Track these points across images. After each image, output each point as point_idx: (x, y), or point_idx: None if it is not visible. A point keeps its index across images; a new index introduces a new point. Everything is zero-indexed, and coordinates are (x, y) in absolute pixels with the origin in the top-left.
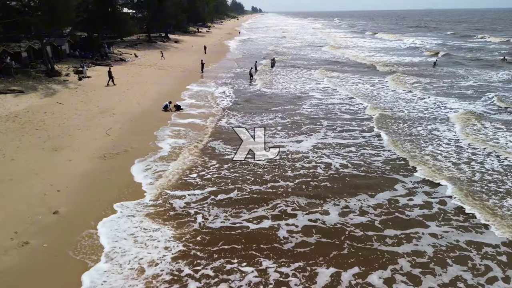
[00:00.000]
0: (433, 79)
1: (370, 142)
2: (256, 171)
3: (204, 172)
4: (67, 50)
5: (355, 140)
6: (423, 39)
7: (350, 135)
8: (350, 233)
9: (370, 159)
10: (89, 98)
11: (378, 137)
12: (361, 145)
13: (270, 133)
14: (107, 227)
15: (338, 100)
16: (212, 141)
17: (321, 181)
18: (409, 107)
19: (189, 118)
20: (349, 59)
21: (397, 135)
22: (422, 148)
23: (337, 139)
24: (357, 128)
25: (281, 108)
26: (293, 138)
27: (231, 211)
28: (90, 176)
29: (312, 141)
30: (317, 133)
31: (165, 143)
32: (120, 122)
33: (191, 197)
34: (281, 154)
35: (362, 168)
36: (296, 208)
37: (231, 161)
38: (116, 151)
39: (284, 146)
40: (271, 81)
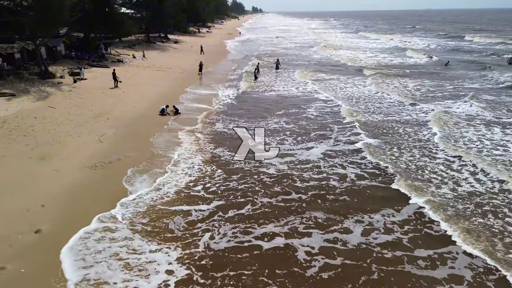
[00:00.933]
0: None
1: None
2: (265, 181)
3: (210, 184)
4: (62, 51)
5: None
6: (413, 39)
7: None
8: (377, 254)
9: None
10: (83, 102)
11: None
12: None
13: (279, 139)
14: (91, 248)
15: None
16: (216, 148)
17: (338, 195)
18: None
19: (188, 123)
20: (334, 60)
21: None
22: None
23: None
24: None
25: (285, 112)
26: (293, 145)
27: (241, 227)
28: (78, 188)
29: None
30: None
31: (162, 150)
32: (114, 127)
33: (197, 213)
34: (289, 164)
35: (380, 179)
36: (312, 225)
37: (240, 170)
38: (108, 160)
39: (294, 155)
40: (274, 83)
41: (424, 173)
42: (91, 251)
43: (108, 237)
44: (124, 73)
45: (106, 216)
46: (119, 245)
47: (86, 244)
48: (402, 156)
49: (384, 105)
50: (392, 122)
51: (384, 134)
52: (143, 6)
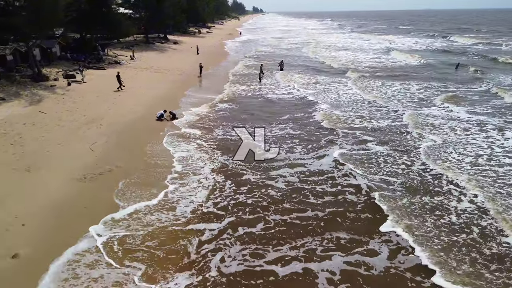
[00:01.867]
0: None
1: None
2: (275, 197)
3: (219, 199)
4: (57, 52)
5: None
6: (405, 39)
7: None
8: (408, 281)
9: (410, 175)
10: (76, 106)
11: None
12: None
13: (286, 147)
14: (78, 275)
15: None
16: (218, 155)
17: (360, 212)
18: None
19: (186, 128)
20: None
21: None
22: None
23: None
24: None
25: (291, 117)
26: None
27: (252, 248)
28: (64, 204)
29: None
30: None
31: (159, 160)
32: (107, 135)
33: (207, 234)
34: (298, 175)
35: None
36: (332, 247)
37: (248, 182)
38: (99, 171)
39: (304, 165)
40: (277, 86)
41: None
42: (77, 279)
43: (94, 263)
44: (121, 75)
45: (91, 237)
46: (105, 272)
47: (71, 270)
48: (414, 165)
49: (357, 105)
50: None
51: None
52: (141, 6)
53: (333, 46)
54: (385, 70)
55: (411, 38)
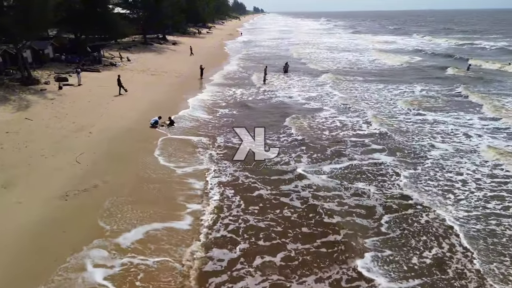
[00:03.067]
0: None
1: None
2: (291, 218)
3: (227, 220)
4: (50, 54)
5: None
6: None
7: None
8: None
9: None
10: (66, 112)
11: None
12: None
13: (295, 157)
14: None
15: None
16: (224, 166)
17: (399, 238)
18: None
19: (184, 135)
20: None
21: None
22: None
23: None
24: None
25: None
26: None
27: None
28: (41, 229)
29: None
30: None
31: (153, 173)
32: (96, 144)
33: (214, 264)
34: (308, 189)
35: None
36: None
37: (259, 200)
38: (84, 187)
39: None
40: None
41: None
42: None
43: None
44: (115, 78)
45: (68, 269)
46: None
47: None
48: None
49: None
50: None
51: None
52: (139, 6)
53: (328, 47)
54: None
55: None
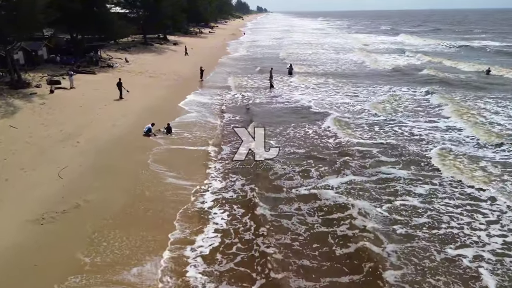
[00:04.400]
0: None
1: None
2: (310, 255)
3: (234, 248)
4: (44, 55)
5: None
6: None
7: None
8: None
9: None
10: (55, 118)
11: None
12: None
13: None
14: None
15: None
16: (233, 184)
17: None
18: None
19: (180, 146)
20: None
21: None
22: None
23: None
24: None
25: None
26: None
27: None
28: (6, 260)
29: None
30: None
31: (146, 190)
32: (83, 155)
33: None
34: (318, 213)
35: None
36: None
37: (271, 225)
38: (63, 208)
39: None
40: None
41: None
42: None
43: None
44: (112, 80)
45: None
46: None
47: None
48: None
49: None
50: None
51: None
52: (139, 6)
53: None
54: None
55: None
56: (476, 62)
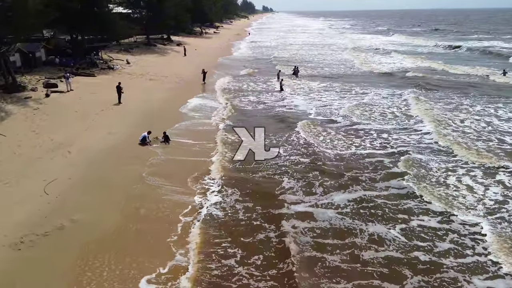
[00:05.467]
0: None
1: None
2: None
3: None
4: (42, 57)
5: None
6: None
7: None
8: None
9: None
10: (47, 125)
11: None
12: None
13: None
14: None
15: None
16: (236, 204)
17: None
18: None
19: (180, 157)
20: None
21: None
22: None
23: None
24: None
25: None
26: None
27: None
28: None
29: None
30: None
31: (140, 207)
32: (73, 167)
33: None
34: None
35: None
36: None
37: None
38: (45, 229)
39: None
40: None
41: None
42: None
43: None
44: (112, 83)
45: None
46: None
47: None
48: None
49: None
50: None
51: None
52: (142, 6)
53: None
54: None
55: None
56: (466, 65)
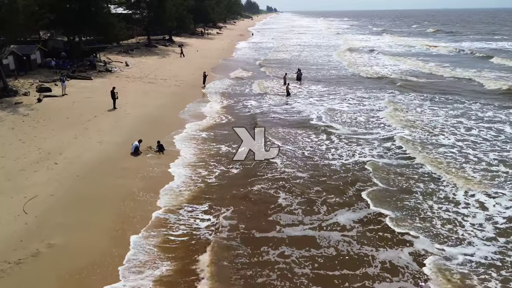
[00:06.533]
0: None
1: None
2: None
3: None
4: (38, 59)
5: None
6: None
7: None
8: None
9: None
10: (35, 133)
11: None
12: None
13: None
14: None
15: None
16: (238, 247)
17: None
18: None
19: (173, 166)
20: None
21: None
22: None
23: None
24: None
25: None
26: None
27: None
28: None
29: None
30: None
31: (127, 229)
32: (58, 181)
33: None
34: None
35: None
36: None
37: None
38: (18, 256)
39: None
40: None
41: None
42: None
43: None
44: (107, 87)
45: None
46: None
47: None
48: None
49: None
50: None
51: None
52: (143, 7)
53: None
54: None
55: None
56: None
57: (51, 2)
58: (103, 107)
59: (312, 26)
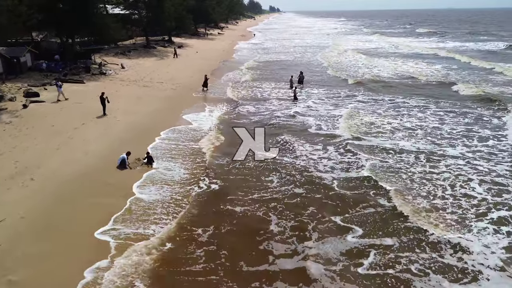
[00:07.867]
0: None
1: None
2: None
3: None
4: (28, 62)
5: None
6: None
7: None
8: None
9: None
10: (16, 143)
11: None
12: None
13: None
14: None
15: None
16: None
17: None
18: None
19: (163, 182)
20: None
21: None
22: None
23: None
24: None
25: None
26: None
27: None
28: None
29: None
30: None
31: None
32: (31, 200)
33: None
34: None
35: None
36: None
37: None
38: None
39: None
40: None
41: None
42: None
43: None
44: (99, 91)
45: None
46: None
47: None
48: None
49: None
50: None
51: None
52: (141, 7)
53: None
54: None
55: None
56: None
57: (40, 2)
58: (92, 113)
59: (312, 26)
